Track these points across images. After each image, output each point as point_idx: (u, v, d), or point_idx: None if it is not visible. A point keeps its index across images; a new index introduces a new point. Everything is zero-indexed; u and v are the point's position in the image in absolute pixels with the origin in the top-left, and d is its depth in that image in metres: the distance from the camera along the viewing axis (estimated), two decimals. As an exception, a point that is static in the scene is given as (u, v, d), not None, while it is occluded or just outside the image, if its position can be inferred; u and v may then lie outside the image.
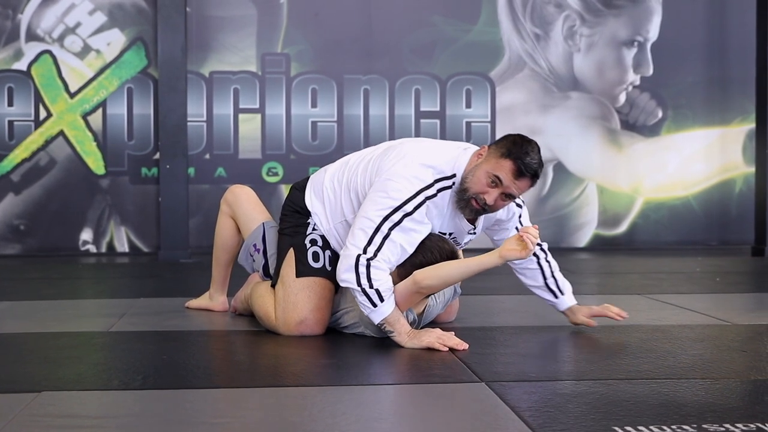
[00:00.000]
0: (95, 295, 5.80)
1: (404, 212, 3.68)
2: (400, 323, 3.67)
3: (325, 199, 4.05)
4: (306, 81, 9.01)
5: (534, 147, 3.72)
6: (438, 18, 9.13)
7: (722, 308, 4.82)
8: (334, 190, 4.03)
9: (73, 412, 2.76)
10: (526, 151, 3.67)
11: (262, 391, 3.01)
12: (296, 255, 3.99)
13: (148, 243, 8.87)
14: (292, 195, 4.21)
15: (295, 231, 4.07)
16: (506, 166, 3.67)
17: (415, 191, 3.71)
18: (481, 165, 3.71)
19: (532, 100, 9.23)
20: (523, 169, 3.66)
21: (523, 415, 2.65)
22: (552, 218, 9.25)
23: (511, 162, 3.66)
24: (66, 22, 8.73)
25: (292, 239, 4.05)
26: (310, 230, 4.05)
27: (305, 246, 4.00)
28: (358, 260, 3.64)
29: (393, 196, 3.69)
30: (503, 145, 3.71)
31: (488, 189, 3.70)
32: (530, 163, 3.66)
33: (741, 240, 9.36)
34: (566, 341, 3.92)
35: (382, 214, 3.67)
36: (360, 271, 3.62)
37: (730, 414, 2.65)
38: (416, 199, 3.71)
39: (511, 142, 3.71)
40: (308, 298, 3.93)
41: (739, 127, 9.46)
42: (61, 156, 8.77)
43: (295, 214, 4.12)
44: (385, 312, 3.64)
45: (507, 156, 3.67)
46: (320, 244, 4.01)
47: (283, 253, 4.06)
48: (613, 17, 9.27)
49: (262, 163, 8.99)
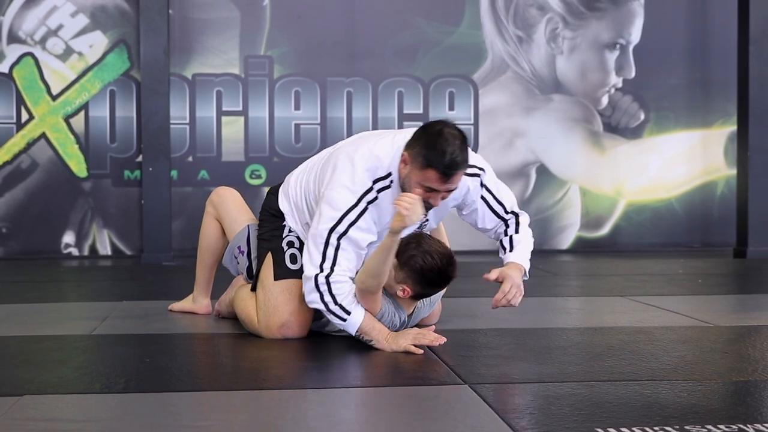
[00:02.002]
0: (78, 298, 5.78)
1: (349, 221, 3.70)
2: (376, 330, 3.67)
3: (292, 201, 4.09)
4: (289, 83, 9.01)
5: (447, 139, 3.59)
6: (421, 20, 9.14)
7: (704, 310, 4.83)
8: (296, 194, 4.07)
9: (56, 415, 2.75)
10: (443, 151, 3.56)
11: (245, 394, 3.00)
12: (274, 258, 4.00)
13: (131, 246, 8.85)
14: (267, 200, 4.23)
15: (272, 235, 4.08)
16: (431, 176, 3.60)
17: (357, 199, 3.73)
18: (410, 175, 3.66)
19: (515, 103, 9.25)
20: (449, 173, 3.60)
21: (506, 417, 2.66)
22: (535, 220, 9.26)
23: (434, 171, 3.59)
24: (48, 24, 8.70)
25: (269, 243, 4.06)
26: (286, 233, 4.06)
27: (282, 249, 4.01)
28: (317, 280, 3.67)
29: (335, 206, 3.71)
30: (419, 152, 3.61)
31: (428, 194, 3.66)
32: (452, 162, 3.58)
33: (723, 242, 9.40)
34: (549, 343, 3.92)
35: (328, 227, 3.69)
36: (321, 290, 3.66)
37: (713, 415, 2.66)
38: (359, 206, 3.72)
39: (424, 146, 3.61)
40: (288, 300, 3.92)
41: (720, 129, 9.50)
42: (43, 158, 8.74)
43: (271, 218, 4.13)
44: (356, 322, 3.65)
45: (427, 166, 3.59)
46: (297, 246, 4.01)
47: (262, 258, 4.07)
48: (595, 20, 9.30)
49: (245, 165, 8.97)
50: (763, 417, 2.65)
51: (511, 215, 4.11)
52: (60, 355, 3.67)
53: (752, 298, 5.63)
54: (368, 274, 3.63)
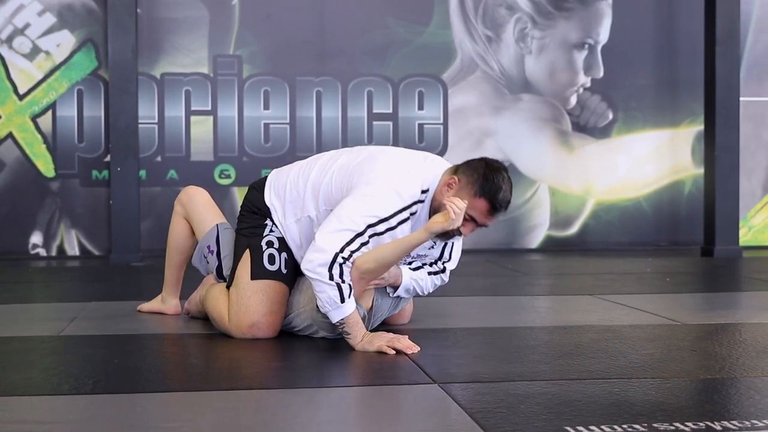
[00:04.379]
0: (45, 299, 5.74)
1: (389, 226, 3.70)
2: (358, 326, 3.67)
3: (287, 195, 4.04)
4: (258, 83, 8.98)
5: (504, 177, 3.72)
6: (390, 20, 9.14)
7: (672, 308, 4.87)
8: (297, 186, 4.02)
9: (23, 417, 2.73)
10: (499, 187, 3.68)
11: (215, 395, 2.99)
12: (252, 256, 3.98)
13: (99, 246, 8.79)
14: (250, 195, 4.20)
15: (252, 232, 4.05)
16: (481, 206, 3.68)
17: (401, 207, 3.73)
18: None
19: (484, 102, 9.27)
20: (498, 207, 3.69)
21: (476, 416, 2.67)
22: (504, 220, 9.28)
23: (486, 201, 3.67)
24: (14, 23, 8.63)
25: (248, 240, 4.04)
26: (267, 231, 4.04)
27: (261, 247, 3.99)
28: (335, 259, 3.59)
29: (381, 204, 3.70)
30: (475, 181, 3.69)
31: (464, 224, 3.71)
32: (504, 199, 3.70)
33: (690, 241, 9.47)
34: (519, 342, 3.94)
35: (368, 221, 3.66)
36: (334, 269, 3.59)
37: (681, 413, 2.68)
38: (402, 215, 3.73)
39: (483, 177, 3.69)
40: (261, 301, 3.91)
41: (687, 129, 9.56)
42: (10, 158, 8.67)
43: (252, 215, 4.11)
44: (347, 311, 3.63)
45: (481, 195, 3.67)
46: (277, 246, 4.00)
47: (239, 254, 4.04)
48: (563, 20, 9.34)
49: (214, 165, 8.94)
50: (730, 414, 2.68)
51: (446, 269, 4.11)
52: (27, 357, 3.65)
53: (719, 297, 5.68)
54: (377, 260, 3.65)
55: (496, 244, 9.15)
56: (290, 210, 4.02)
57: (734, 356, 3.56)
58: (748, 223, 9.59)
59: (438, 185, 3.80)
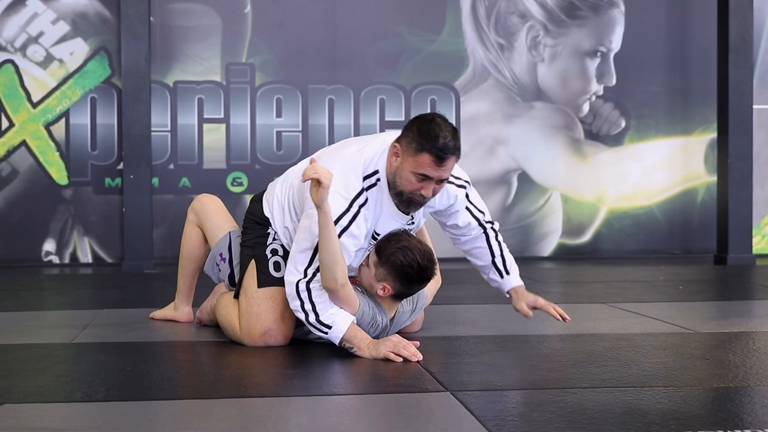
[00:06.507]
0: (58, 307, 5.75)
1: (341, 227, 3.69)
2: (358, 337, 3.67)
3: (275, 206, 4.09)
4: (271, 91, 9.00)
5: (440, 125, 3.68)
6: (403, 28, 9.15)
7: (685, 317, 4.85)
8: (281, 197, 4.08)
9: (36, 424, 2.73)
10: (435, 135, 3.64)
11: (226, 402, 3.00)
12: (258, 265, 3.99)
13: (112, 254, 8.81)
14: (251, 207, 4.23)
15: (256, 242, 4.07)
16: (426, 160, 3.66)
17: (348, 204, 3.73)
18: (403, 165, 3.72)
19: (497, 110, 9.27)
20: (442, 156, 3.65)
21: (488, 424, 2.66)
22: (516, 227, 9.29)
23: (428, 154, 3.65)
24: (29, 32, 8.67)
25: (253, 251, 4.05)
26: (270, 240, 4.05)
27: (266, 256, 4.00)
28: (298, 286, 3.68)
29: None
30: (412, 139, 3.69)
31: (420, 185, 3.72)
32: (446, 146, 3.64)
33: (703, 248, 9.44)
34: (531, 350, 3.93)
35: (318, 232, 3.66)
36: (302, 297, 3.67)
37: (694, 421, 2.67)
38: (351, 211, 3.73)
39: (417, 132, 3.68)
40: (271, 308, 3.92)
41: (700, 136, 9.54)
42: (23, 166, 8.70)
43: (255, 226, 4.13)
44: (341, 330, 3.66)
45: (421, 150, 3.65)
46: (281, 254, 4.00)
47: (245, 265, 4.06)
48: (576, 28, 9.33)
49: (226, 173, 8.96)
50: (744, 423, 2.66)
51: (490, 224, 4.20)
52: (40, 364, 3.65)
53: (732, 305, 5.66)
54: (324, 267, 3.61)
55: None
56: (282, 219, 4.05)
57: (747, 365, 3.54)
58: (761, 231, 9.56)
59: (386, 159, 3.80)
